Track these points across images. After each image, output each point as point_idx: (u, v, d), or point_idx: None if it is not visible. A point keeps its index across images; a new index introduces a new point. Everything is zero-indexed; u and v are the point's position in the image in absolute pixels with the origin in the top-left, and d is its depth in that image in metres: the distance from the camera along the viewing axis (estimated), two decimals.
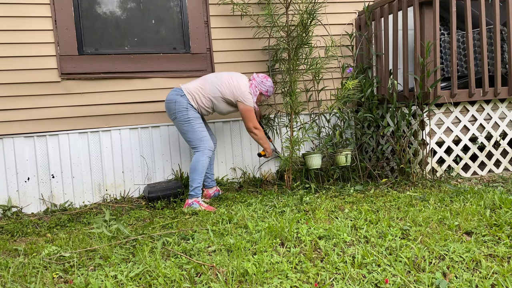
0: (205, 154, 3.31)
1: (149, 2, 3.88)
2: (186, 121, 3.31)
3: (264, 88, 3.50)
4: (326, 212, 2.80)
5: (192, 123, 3.32)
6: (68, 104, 3.66)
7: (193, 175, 3.29)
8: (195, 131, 3.31)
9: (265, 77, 3.52)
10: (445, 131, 3.69)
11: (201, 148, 3.31)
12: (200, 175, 3.29)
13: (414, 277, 1.81)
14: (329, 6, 4.26)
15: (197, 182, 3.29)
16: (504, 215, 2.44)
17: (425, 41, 3.48)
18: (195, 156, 3.32)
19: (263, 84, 3.49)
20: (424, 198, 2.98)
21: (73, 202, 3.68)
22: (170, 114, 3.38)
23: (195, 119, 3.33)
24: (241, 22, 4.09)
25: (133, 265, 2.07)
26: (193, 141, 3.33)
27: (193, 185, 3.29)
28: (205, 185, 3.65)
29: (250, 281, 1.83)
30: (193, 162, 3.31)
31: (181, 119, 3.31)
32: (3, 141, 3.52)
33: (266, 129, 4.19)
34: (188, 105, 3.32)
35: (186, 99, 3.32)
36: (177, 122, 3.35)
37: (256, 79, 3.49)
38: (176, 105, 3.30)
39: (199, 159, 3.30)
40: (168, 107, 3.37)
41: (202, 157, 3.30)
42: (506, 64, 3.96)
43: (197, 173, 3.28)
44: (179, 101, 3.31)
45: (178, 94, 3.34)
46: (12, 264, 2.21)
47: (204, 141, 3.32)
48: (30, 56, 3.54)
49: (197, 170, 3.28)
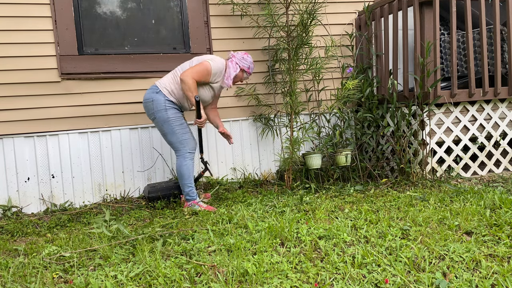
0: (186, 158, 3.20)
1: (149, 2, 3.88)
2: (166, 122, 3.15)
3: (245, 64, 3.34)
4: (326, 212, 2.80)
5: (172, 124, 3.15)
6: (68, 104, 3.66)
7: (182, 181, 3.23)
8: (175, 133, 3.17)
9: (245, 53, 3.38)
10: (445, 131, 3.69)
11: (182, 152, 3.20)
12: (188, 179, 3.22)
13: (414, 277, 1.81)
14: (329, 6, 4.26)
15: (188, 186, 3.23)
16: (504, 215, 2.44)
17: (425, 41, 3.48)
18: (178, 162, 3.22)
19: (244, 60, 3.33)
20: (424, 198, 2.98)
21: (73, 202, 3.68)
22: (149, 115, 3.24)
23: (176, 119, 3.17)
24: (241, 22, 4.09)
25: (133, 265, 2.07)
26: (173, 144, 3.21)
27: (185, 190, 3.25)
28: None
29: (250, 281, 1.83)
30: (177, 168, 3.23)
31: (160, 119, 3.15)
32: (3, 141, 3.52)
33: (266, 129, 4.18)
34: (166, 102, 3.14)
35: (163, 95, 3.15)
36: (157, 123, 3.20)
37: (236, 56, 3.33)
38: (154, 104, 3.14)
39: (181, 164, 3.20)
40: (146, 106, 3.22)
41: (184, 162, 3.20)
42: (506, 64, 3.96)
43: (185, 178, 3.21)
44: (156, 99, 3.14)
45: (153, 91, 3.17)
46: (12, 264, 2.21)
47: (185, 144, 3.19)
48: (30, 56, 3.54)
49: (183, 176, 3.21)
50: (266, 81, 4.17)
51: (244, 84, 4.11)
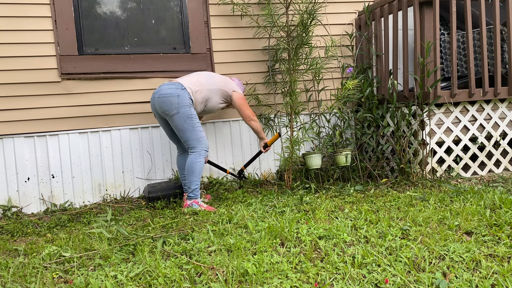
0: (201, 155, 3.24)
1: (149, 2, 3.88)
2: (189, 118, 3.17)
3: (242, 88, 3.67)
4: (326, 212, 2.79)
5: (194, 121, 3.20)
6: (68, 104, 3.66)
7: (191, 177, 3.23)
8: (195, 130, 3.21)
9: (239, 79, 3.76)
10: (445, 131, 3.69)
11: (198, 149, 3.23)
12: (198, 177, 3.23)
13: (414, 277, 1.81)
14: (329, 6, 4.26)
15: (195, 184, 3.23)
16: (504, 215, 2.44)
17: (425, 41, 3.48)
18: (192, 157, 3.23)
19: (241, 85, 3.67)
20: (424, 198, 2.97)
21: (73, 202, 3.68)
22: (169, 109, 3.17)
23: (196, 118, 3.23)
24: (241, 22, 4.09)
25: (133, 265, 2.07)
26: (190, 141, 3.23)
27: (191, 187, 3.24)
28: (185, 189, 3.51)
29: (250, 281, 1.83)
30: (189, 163, 3.22)
31: (184, 115, 3.16)
32: (3, 141, 3.52)
33: (266, 128, 4.19)
34: (190, 100, 3.21)
35: (188, 93, 3.20)
36: (179, 118, 3.16)
37: (235, 80, 3.66)
38: (180, 99, 3.15)
39: (196, 160, 3.22)
40: (168, 101, 3.16)
41: (199, 158, 3.23)
42: (506, 64, 3.96)
43: (195, 175, 3.22)
44: (182, 95, 3.17)
45: (178, 87, 3.20)
46: (12, 264, 2.21)
47: (202, 142, 3.24)
48: (30, 56, 3.54)
49: (194, 172, 3.22)
50: (266, 81, 4.17)
51: (244, 84, 4.11)
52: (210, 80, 3.40)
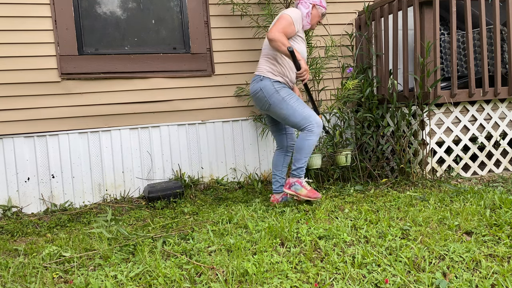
0: (313, 133, 2.92)
1: (149, 2, 3.88)
2: (282, 102, 2.93)
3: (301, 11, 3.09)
4: (326, 212, 2.79)
5: (289, 102, 2.94)
6: (68, 104, 3.66)
7: (298, 154, 2.96)
8: (296, 110, 2.93)
9: None
10: (445, 131, 3.69)
11: (310, 127, 2.92)
12: (305, 156, 2.95)
13: (414, 277, 1.81)
14: (329, 6, 4.26)
15: (301, 162, 2.96)
16: (504, 215, 2.44)
17: (425, 41, 3.48)
18: (302, 135, 2.95)
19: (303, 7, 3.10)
20: (424, 198, 2.97)
21: (73, 202, 3.68)
22: (262, 105, 3.02)
23: (291, 96, 2.96)
24: (241, 22, 4.09)
25: (133, 265, 2.07)
26: (298, 123, 2.94)
27: (296, 165, 2.97)
28: (274, 189, 3.29)
29: (250, 281, 1.83)
30: (299, 140, 2.96)
31: (276, 102, 2.94)
32: (3, 141, 3.52)
33: (266, 129, 4.18)
34: (274, 84, 2.96)
35: (268, 79, 2.98)
36: (274, 108, 2.97)
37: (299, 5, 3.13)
38: (264, 92, 2.96)
39: (306, 138, 2.92)
40: (257, 98, 3.02)
41: (309, 136, 2.92)
42: (506, 64, 3.96)
43: (303, 153, 2.94)
44: (264, 86, 2.97)
45: (257, 81, 3.01)
46: (12, 264, 2.21)
47: (310, 119, 2.92)
48: (30, 56, 3.54)
49: (303, 150, 2.94)
50: None
51: (244, 84, 4.11)
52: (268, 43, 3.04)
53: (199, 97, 4.01)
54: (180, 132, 3.99)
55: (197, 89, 4.00)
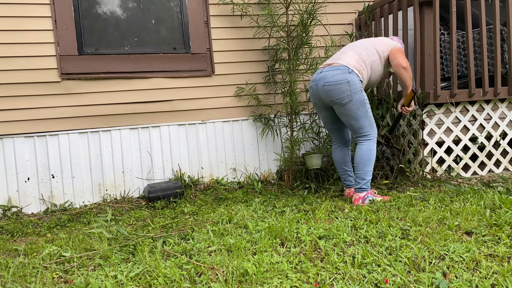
0: (375, 142, 2.97)
1: (149, 2, 3.88)
2: (362, 104, 2.87)
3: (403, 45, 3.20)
4: (326, 212, 2.79)
5: (367, 106, 2.90)
6: (68, 104, 3.66)
7: (366, 167, 2.95)
8: (368, 115, 2.90)
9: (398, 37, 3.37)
10: (445, 131, 3.69)
11: (372, 136, 2.94)
12: (372, 167, 2.96)
13: (414, 277, 1.81)
14: (329, 6, 4.26)
15: (370, 174, 2.97)
16: (504, 215, 2.44)
17: (425, 41, 3.48)
18: (368, 145, 2.94)
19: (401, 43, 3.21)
20: (424, 198, 2.97)
21: (73, 202, 3.68)
22: (342, 98, 2.85)
23: (367, 100, 2.92)
24: (241, 22, 4.09)
25: (133, 265, 2.07)
26: (364, 128, 2.92)
27: (366, 178, 2.96)
28: (348, 184, 3.28)
29: (250, 281, 1.83)
30: (366, 152, 2.93)
31: (358, 101, 2.84)
32: (3, 141, 3.52)
33: (266, 129, 4.18)
34: (360, 83, 2.87)
35: (356, 75, 2.86)
36: (352, 106, 2.85)
37: (394, 39, 3.20)
38: (351, 85, 2.82)
39: (372, 148, 2.94)
40: (338, 89, 2.84)
41: (374, 146, 2.95)
42: (506, 64, 3.96)
43: (371, 165, 2.94)
44: (352, 80, 2.82)
45: (345, 72, 2.84)
46: (12, 264, 2.21)
47: (374, 128, 2.96)
48: (30, 56, 3.54)
49: (370, 161, 2.94)
50: (266, 81, 4.17)
51: (244, 84, 4.11)
52: (370, 50, 3.01)
53: (199, 97, 4.01)
54: (180, 132, 3.99)
55: (197, 89, 4.00)
